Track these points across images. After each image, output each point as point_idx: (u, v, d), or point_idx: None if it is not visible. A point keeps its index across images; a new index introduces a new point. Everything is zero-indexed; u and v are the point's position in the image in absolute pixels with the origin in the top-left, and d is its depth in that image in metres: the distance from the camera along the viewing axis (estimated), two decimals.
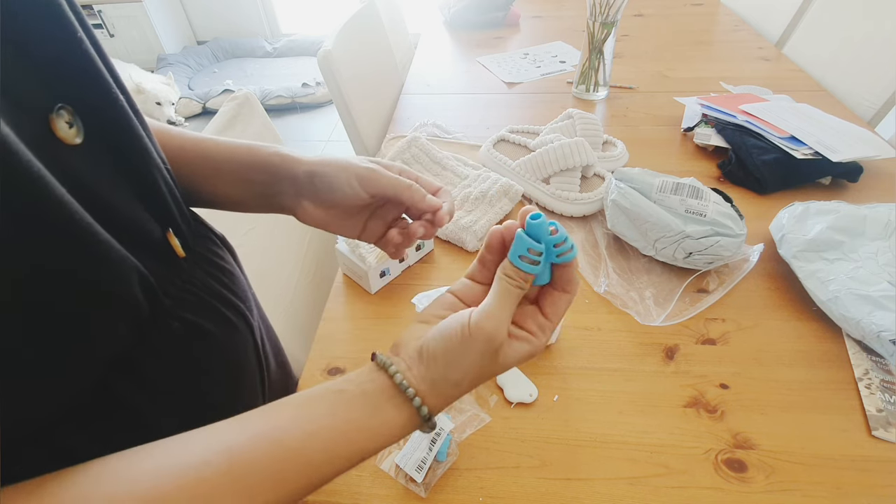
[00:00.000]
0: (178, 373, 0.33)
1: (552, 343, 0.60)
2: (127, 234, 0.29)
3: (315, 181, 0.40)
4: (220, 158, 0.42)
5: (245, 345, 0.40)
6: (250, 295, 0.46)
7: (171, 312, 0.32)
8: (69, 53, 0.27)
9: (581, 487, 0.47)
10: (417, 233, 0.41)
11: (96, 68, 0.28)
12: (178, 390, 0.33)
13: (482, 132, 1.00)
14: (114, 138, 0.29)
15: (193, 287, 0.35)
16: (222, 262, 0.41)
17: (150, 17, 3.00)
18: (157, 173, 0.33)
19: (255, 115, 0.81)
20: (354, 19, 1.13)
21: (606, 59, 1.04)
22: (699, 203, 0.65)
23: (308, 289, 0.86)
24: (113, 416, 0.29)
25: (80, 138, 0.27)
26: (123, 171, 0.30)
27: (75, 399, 0.27)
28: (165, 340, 0.32)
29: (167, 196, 0.34)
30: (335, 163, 0.40)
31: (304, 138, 2.51)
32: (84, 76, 0.28)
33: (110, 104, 0.29)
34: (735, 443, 0.50)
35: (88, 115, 0.27)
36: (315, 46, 2.97)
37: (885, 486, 0.46)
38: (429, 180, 0.43)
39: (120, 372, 0.29)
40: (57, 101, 0.26)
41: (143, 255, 0.29)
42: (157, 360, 0.31)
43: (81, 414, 0.28)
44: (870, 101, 1.03)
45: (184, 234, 0.35)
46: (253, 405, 0.42)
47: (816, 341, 0.59)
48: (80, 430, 0.28)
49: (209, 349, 0.36)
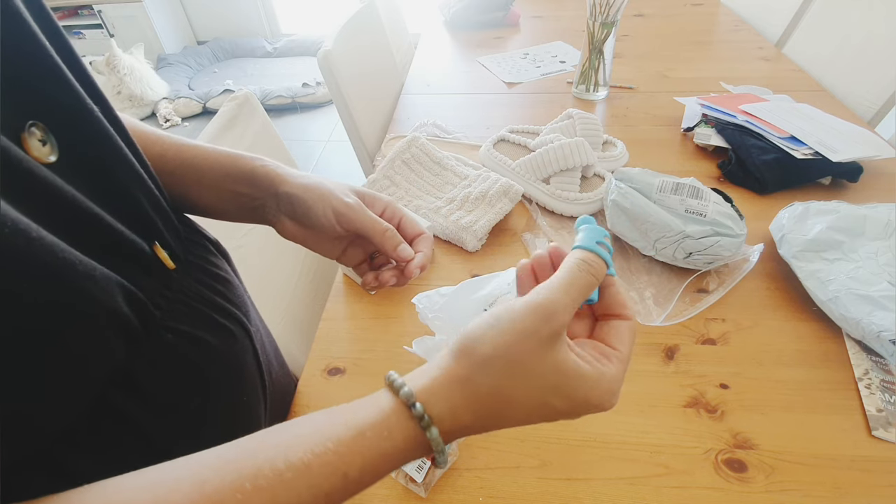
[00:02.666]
0: (177, 384, 0.33)
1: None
2: (112, 248, 0.28)
3: (294, 203, 0.39)
4: (202, 167, 0.41)
5: (244, 351, 0.40)
6: (247, 300, 0.45)
7: (162, 324, 0.32)
8: (37, 68, 0.26)
9: (581, 487, 0.47)
10: (388, 282, 0.41)
11: (67, 82, 0.27)
12: (179, 402, 0.33)
13: (482, 132, 1.00)
14: (91, 152, 0.28)
15: (185, 297, 0.35)
16: (216, 269, 0.40)
17: (150, 17, 3.00)
18: (139, 186, 0.32)
19: (256, 115, 0.81)
20: (354, 19, 1.13)
21: (606, 59, 1.04)
22: (699, 203, 0.65)
23: (308, 289, 0.86)
24: (114, 433, 0.29)
25: (54, 156, 0.26)
26: (103, 186, 0.29)
27: (75, 418, 0.27)
28: (160, 352, 0.31)
29: (151, 208, 0.33)
30: (316, 189, 0.39)
31: (304, 138, 2.51)
32: (54, 91, 0.27)
33: (84, 118, 0.28)
34: (735, 443, 0.50)
35: (62, 130, 0.27)
36: (315, 46, 2.97)
37: (885, 486, 0.46)
38: (413, 221, 0.43)
39: (118, 387, 0.29)
40: (28, 118, 0.25)
41: (130, 268, 0.29)
42: (154, 373, 0.31)
43: (82, 433, 0.27)
44: (870, 101, 1.03)
45: (172, 246, 0.35)
46: (255, 413, 0.42)
47: (816, 341, 0.59)
48: (81, 449, 0.27)
49: (207, 358, 0.35)
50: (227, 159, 0.41)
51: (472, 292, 0.57)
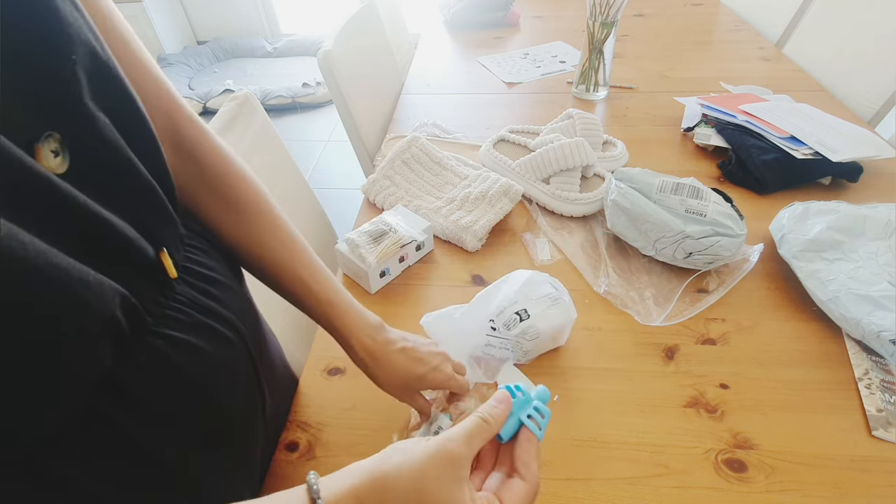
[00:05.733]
0: (167, 390, 0.32)
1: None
2: (118, 254, 0.28)
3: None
4: (310, 311, 0.49)
5: (239, 357, 0.40)
6: (248, 302, 0.45)
7: (153, 330, 0.32)
8: (58, 79, 0.26)
9: (581, 487, 0.47)
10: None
11: (78, 95, 0.27)
12: (169, 409, 0.33)
13: (482, 132, 1.00)
14: (100, 163, 0.29)
15: (179, 304, 0.34)
16: (215, 273, 0.40)
17: (150, 17, 2.99)
18: (148, 194, 0.32)
19: (256, 115, 0.81)
20: (354, 19, 1.12)
21: (606, 59, 1.04)
22: (699, 203, 0.65)
23: None
24: (101, 440, 0.29)
25: (64, 167, 0.26)
26: (114, 195, 0.29)
27: (62, 424, 0.27)
28: (149, 359, 0.31)
29: (159, 216, 0.33)
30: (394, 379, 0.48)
31: (304, 138, 2.51)
32: (67, 103, 0.27)
33: (95, 130, 0.28)
34: (735, 443, 0.50)
35: (73, 141, 0.27)
36: (315, 46, 2.97)
37: (885, 486, 0.46)
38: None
39: (104, 393, 0.28)
40: (45, 128, 0.25)
41: (132, 274, 0.29)
42: (142, 379, 0.31)
43: (69, 439, 0.27)
44: (870, 101, 1.03)
45: (176, 254, 0.35)
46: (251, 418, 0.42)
47: (816, 341, 0.59)
48: (67, 456, 0.27)
49: (200, 364, 0.35)
50: (337, 327, 0.48)
51: (481, 308, 0.57)
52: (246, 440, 0.42)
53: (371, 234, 0.68)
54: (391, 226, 0.69)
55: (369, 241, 0.67)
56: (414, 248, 0.70)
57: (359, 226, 0.71)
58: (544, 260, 0.71)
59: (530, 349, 0.56)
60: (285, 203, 0.54)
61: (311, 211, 0.94)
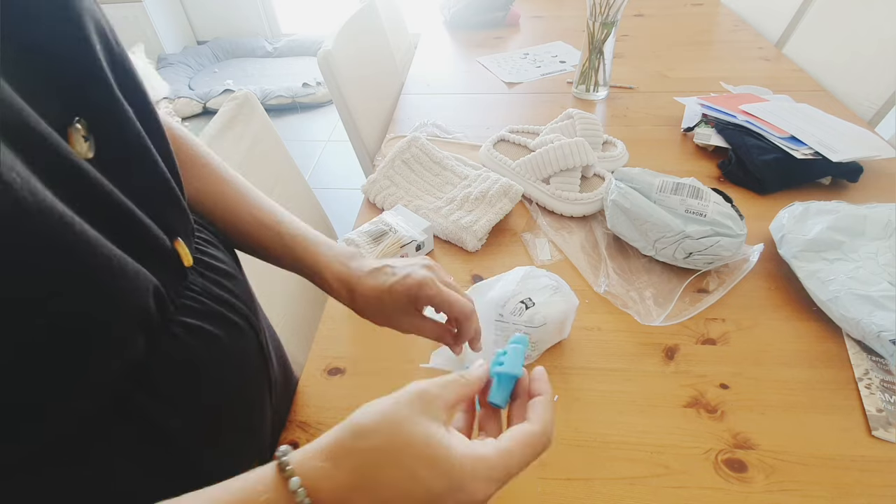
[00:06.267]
0: (184, 378, 0.33)
1: (564, 339, 0.60)
2: (139, 243, 0.29)
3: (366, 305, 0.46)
4: (278, 253, 0.48)
5: (250, 346, 0.41)
6: (253, 296, 0.46)
7: (174, 319, 0.32)
8: (83, 67, 0.27)
9: (581, 487, 0.47)
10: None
11: (107, 82, 0.28)
12: (187, 396, 0.33)
13: (482, 132, 1.00)
14: (123, 151, 0.30)
15: (194, 293, 0.35)
16: (223, 265, 0.41)
17: (150, 17, 2.99)
18: (164, 185, 0.33)
19: (256, 115, 0.81)
20: (354, 19, 1.13)
21: (606, 59, 1.04)
22: (699, 203, 0.65)
23: (308, 288, 0.86)
24: (130, 426, 0.30)
25: (92, 152, 0.27)
26: (131, 182, 0.30)
27: (96, 411, 0.27)
28: (171, 346, 0.32)
29: (173, 206, 0.34)
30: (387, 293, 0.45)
31: (303, 138, 2.51)
32: (95, 89, 0.28)
33: (117, 116, 0.29)
34: (735, 443, 0.50)
35: (99, 128, 0.27)
36: (315, 46, 2.97)
37: (885, 486, 0.46)
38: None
39: (133, 381, 0.29)
40: (74, 114, 0.26)
41: (154, 264, 0.30)
42: (164, 366, 0.31)
43: (102, 427, 0.28)
44: (870, 101, 1.03)
45: (190, 243, 0.36)
46: (261, 407, 0.42)
47: (816, 341, 0.59)
48: (104, 442, 0.28)
49: (214, 352, 0.36)
50: (307, 261, 0.47)
51: (481, 297, 0.57)
52: (256, 428, 0.43)
53: (371, 234, 0.68)
54: (391, 226, 0.69)
55: (369, 241, 0.67)
56: (414, 248, 0.70)
57: (359, 226, 0.71)
58: (544, 260, 0.71)
59: (537, 339, 0.56)
60: (285, 203, 0.54)
61: (310, 211, 0.94)
